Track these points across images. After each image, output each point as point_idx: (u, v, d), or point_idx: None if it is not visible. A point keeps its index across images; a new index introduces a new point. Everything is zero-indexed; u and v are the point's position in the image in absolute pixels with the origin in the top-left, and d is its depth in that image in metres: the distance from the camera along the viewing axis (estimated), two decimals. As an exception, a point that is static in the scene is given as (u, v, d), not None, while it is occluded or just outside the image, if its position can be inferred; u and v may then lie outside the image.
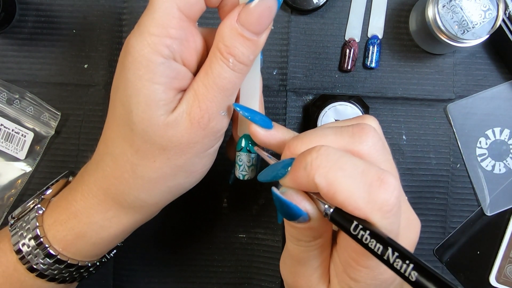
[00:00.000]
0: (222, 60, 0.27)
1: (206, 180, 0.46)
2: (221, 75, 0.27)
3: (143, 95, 0.26)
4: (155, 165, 0.28)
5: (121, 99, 0.27)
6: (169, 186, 0.30)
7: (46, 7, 0.45)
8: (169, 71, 0.26)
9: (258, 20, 0.26)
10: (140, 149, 0.28)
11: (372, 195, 0.22)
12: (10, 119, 0.44)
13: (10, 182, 0.44)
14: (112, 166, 0.29)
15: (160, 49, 0.26)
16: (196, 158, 0.29)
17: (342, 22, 0.45)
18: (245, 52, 0.27)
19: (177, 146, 0.28)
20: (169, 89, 0.27)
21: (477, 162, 0.46)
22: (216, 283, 0.46)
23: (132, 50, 0.26)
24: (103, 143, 0.30)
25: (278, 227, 0.45)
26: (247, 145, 0.32)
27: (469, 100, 0.45)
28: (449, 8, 0.40)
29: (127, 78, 0.27)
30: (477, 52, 0.46)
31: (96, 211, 0.30)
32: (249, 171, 0.32)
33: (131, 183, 0.29)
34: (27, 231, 0.31)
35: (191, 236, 0.46)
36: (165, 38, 0.26)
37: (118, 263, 0.45)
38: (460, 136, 0.46)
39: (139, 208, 0.30)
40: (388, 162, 0.27)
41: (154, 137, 0.27)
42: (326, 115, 0.41)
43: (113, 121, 0.29)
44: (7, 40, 0.45)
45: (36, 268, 0.31)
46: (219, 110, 0.28)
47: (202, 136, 0.28)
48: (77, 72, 0.45)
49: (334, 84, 0.46)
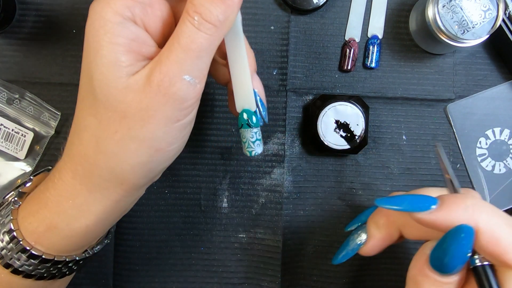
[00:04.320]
0: (188, 18, 0.26)
1: (206, 180, 0.46)
2: (185, 33, 0.25)
3: (101, 56, 0.26)
4: (117, 136, 0.27)
5: (84, 68, 0.27)
6: (132, 165, 0.28)
7: (46, 7, 0.45)
8: (127, 31, 0.26)
9: None
10: (103, 119, 0.27)
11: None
12: (10, 119, 0.44)
13: (10, 182, 0.44)
14: (77, 143, 0.29)
15: (120, 9, 0.26)
16: (159, 132, 0.27)
17: (342, 22, 0.45)
18: (213, 11, 0.25)
19: (136, 113, 0.26)
20: (129, 51, 0.26)
21: (477, 162, 0.46)
22: (216, 283, 0.46)
23: (93, 13, 0.26)
24: (74, 122, 0.30)
25: (278, 227, 0.45)
26: (247, 121, 0.30)
27: (469, 100, 0.45)
28: (449, 8, 0.40)
29: (88, 42, 0.27)
30: (477, 52, 0.46)
31: (64, 198, 0.29)
32: (255, 146, 0.31)
33: (95, 159, 0.28)
34: (2, 225, 0.30)
35: (191, 236, 0.46)
36: (128, 1, 0.26)
37: (118, 263, 0.45)
38: (460, 136, 0.46)
39: (104, 191, 0.29)
40: None
41: (114, 102, 0.26)
42: (326, 115, 0.41)
43: (79, 97, 0.29)
44: (7, 40, 0.45)
45: (10, 263, 0.30)
46: (182, 74, 0.26)
47: (163, 103, 0.26)
48: (77, 72, 0.45)
49: (334, 84, 0.46)
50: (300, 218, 0.46)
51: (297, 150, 0.46)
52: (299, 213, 0.46)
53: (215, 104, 0.46)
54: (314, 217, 0.46)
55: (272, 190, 0.46)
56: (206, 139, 0.46)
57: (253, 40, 0.45)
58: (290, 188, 0.46)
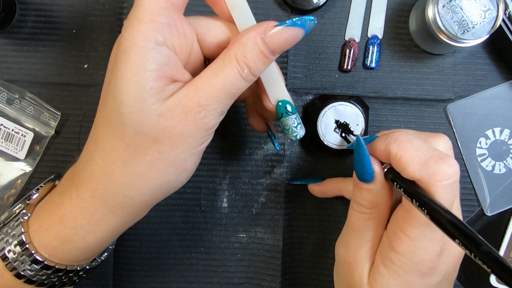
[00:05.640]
0: (237, 68, 0.27)
1: (206, 180, 0.46)
2: (232, 81, 0.27)
3: (133, 82, 0.26)
4: (147, 159, 0.28)
5: (112, 92, 0.27)
6: (160, 184, 0.29)
7: (46, 7, 0.45)
8: (160, 57, 0.26)
9: (281, 44, 0.28)
10: (132, 143, 0.27)
11: (428, 164, 0.27)
12: (10, 119, 0.44)
13: (10, 182, 0.44)
14: (101, 163, 0.28)
15: (152, 34, 0.26)
16: (187, 153, 0.28)
17: (342, 22, 0.45)
18: (260, 66, 0.28)
19: (169, 138, 0.27)
20: (160, 77, 0.26)
21: (477, 162, 0.46)
22: (216, 283, 0.46)
23: (124, 40, 0.26)
24: (92, 141, 0.29)
25: (278, 227, 0.45)
26: (285, 109, 0.32)
27: (469, 100, 0.45)
28: (449, 8, 0.40)
29: (118, 68, 0.26)
30: (477, 52, 0.46)
31: (83, 215, 0.29)
32: (299, 129, 0.33)
33: (121, 180, 0.28)
34: (13, 237, 0.30)
35: (191, 236, 0.46)
36: (155, 23, 0.26)
37: (118, 263, 0.45)
38: (460, 136, 0.46)
39: (127, 208, 0.30)
40: None
41: (146, 128, 0.27)
42: (326, 115, 0.41)
43: (103, 117, 0.29)
44: (7, 40, 0.45)
45: (23, 274, 0.30)
46: (218, 109, 0.28)
47: (195, 130, 0.27)
48: (77, 72, 0.45)
49: (334, 84, 0.46)
50: (300, 218, 0.46)
51: (297, 150, 0.46)
52: (299, 213, 0.46)
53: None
54: (314, 217, 0.46)
55: (272, 190, 0.46)
56: (206, 139, 0.46)
57: (253, 40, 0.45)
58: (290, 188, 0.46)
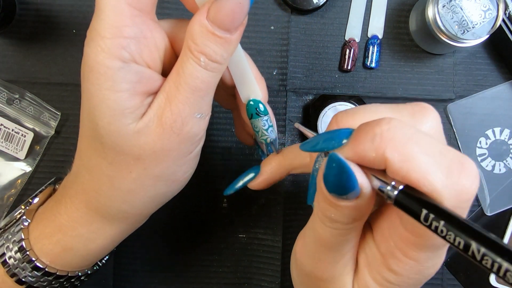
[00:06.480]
0: (193, 59, 0.25)
1: (206, 180, 0.46)
2: (192, 74, 0.25)
3: (106, 106, 0.24)
4: (132, 175, 0.26)
5: (86, 112, 0.26)
6: (150, 197, 0.28)
7: (46, 7, 0.45)
8: (130, 75, 0.24)
9: (228, 17, 0.24)
10: (114, 161, 0.26)
11: (452, 179, 0.19)
12: (10, 119, 0.44)
13: (10, 182, 0.44)
14: (89, 179, 0.28)
15: (117, 52, 0.23)
16: (175, 166, 0.27)
17: (342, 22, 0.45)
18: (218, 51, 0.25)
19: (151, 154, 0.26)
20: (134, 95, 0.25)
21: (477, 162, 0.46)
22: (216, 283, 0.46)
23: (87, 58, 0.24)
24: (78, 156, 0.29)
25: (278, 227, 0.45)
26: (255, 110, 0.30)
27: (469, 100, 0.45)
28: (449, 8, 0.40)
29: (88, 89, 0.25)
30: (477, 52, 0.46)
31: (81, 224, 0.29)
32: (269, 133, 0.31)
33: (110, 195, 0.28)
34: (13, 243, 0.30)
35: (191, 236, 0.46)
36: (120, 39, 0.23)
37: (118, 263, 0.45)
38: (460, 136, 0.46)
39: (123, 219, 0.29)
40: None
41: (126, 148, 0.25)
42: (326, 115, 0.41)
43: (83, 134, 0.27)
44: (7, 40, 0.45)
45: (24, 281, 0.30)
46: (193, 113, 0.26)
47: (178, 142, 0.26)
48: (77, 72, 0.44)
49: (334, 84, 0.46)
50: (300, 218, 0.46)
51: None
52: (299, 213, 0.46)
53: (215, 104, 0.45)
54: (314, 217, 0.46)
55: (272, 190, 0.46)
56: (206, 139, 0.46)
57: (253, 40, 0.45)
58: (290, 188, 0.46)
